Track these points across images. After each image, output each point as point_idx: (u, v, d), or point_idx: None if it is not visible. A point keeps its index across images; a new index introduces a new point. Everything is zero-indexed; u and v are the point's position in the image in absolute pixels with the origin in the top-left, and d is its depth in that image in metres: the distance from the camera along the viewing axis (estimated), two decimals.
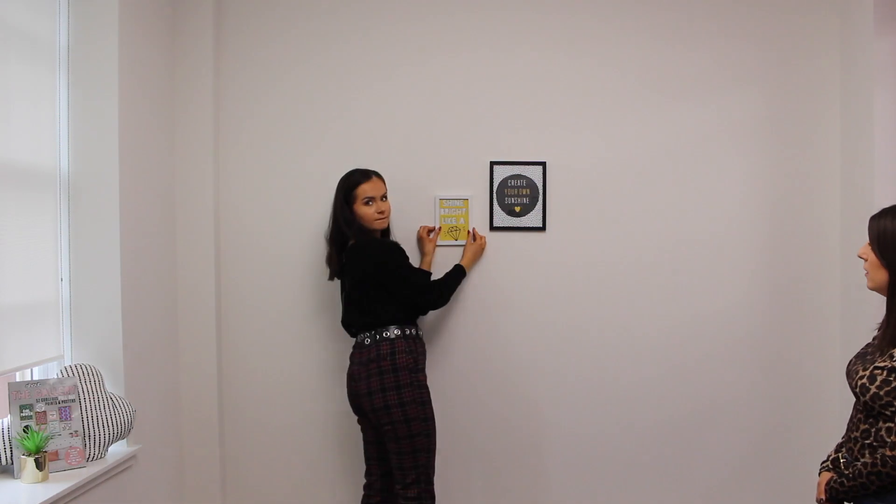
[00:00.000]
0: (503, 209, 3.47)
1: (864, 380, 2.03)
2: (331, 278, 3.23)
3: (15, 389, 2.54)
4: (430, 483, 3.06)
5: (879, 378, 2.00)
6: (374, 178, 3.17)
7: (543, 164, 3.46)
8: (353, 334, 3.17)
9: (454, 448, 3.47)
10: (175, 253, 3.36)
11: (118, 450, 2.84)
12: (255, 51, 3.46)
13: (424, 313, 3.27)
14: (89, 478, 2.56)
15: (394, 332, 3.03)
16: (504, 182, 3.46)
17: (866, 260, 2.14)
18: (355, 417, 3.25)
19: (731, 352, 3.50)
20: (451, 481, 3.46)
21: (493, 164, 3.46)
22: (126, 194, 2.89)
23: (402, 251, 3.13)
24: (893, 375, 1.97)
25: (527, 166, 3.46)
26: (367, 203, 3.13)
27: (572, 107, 3.48)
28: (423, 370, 3.11)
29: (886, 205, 3.14)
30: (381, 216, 3.15)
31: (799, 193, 3.49)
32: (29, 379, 2.71)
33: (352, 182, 3.16)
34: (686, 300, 3.50)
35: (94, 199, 2.84)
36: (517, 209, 3.47)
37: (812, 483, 3.48)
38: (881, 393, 1.99)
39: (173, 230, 3.34)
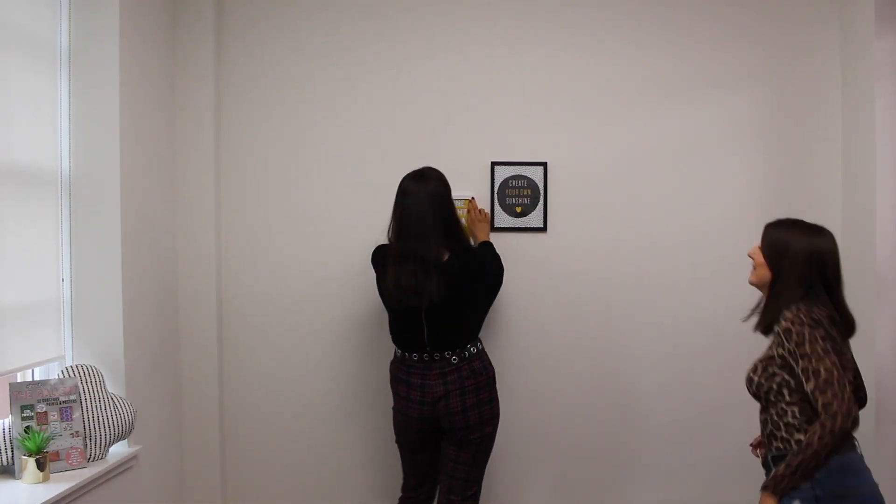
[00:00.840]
0: (504, 209, 3.46)
1: (749, 374, 2.40)
2: (420, 304, 2.83)
3: (16, 390, 2.54)
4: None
5: (760, 368, 2.35)
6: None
7: (544, 164, 3.46)
8: (415, 351, 2.92)
9: None
10: (176, 253, 3.36)
11: (119, 450, 2.84)
12: (256, 51, 3.47)
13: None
14: (90, 478, 2.56)
15: (479, 345, 2.98)
16: (505, 182, 3.46)
17: (754, 259, 2.50)
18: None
19: (731, 352, 3.48)
20: None
21: (494, 164, 3.46)
22: (127, 194, 2.89)
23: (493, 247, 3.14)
24: (769, 363, 2.30)
25: (528, 167, 3.46)
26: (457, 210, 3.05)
27: (573, 107, 3.48)
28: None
29: (888, 204, 3.17)
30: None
31: (800, 194, 3.49)
32: (30, 379, 2.71)
33: (449, 187, 2.97)
34: (687, 300, 3.50)
35: (95, 200, 2.84)
36: (518, 209, 3.47)
37: None
38: (761, 380, 2.33)
39: (174, 230, 3.34)
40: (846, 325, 2.32)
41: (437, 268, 2.83)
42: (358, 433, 3.50)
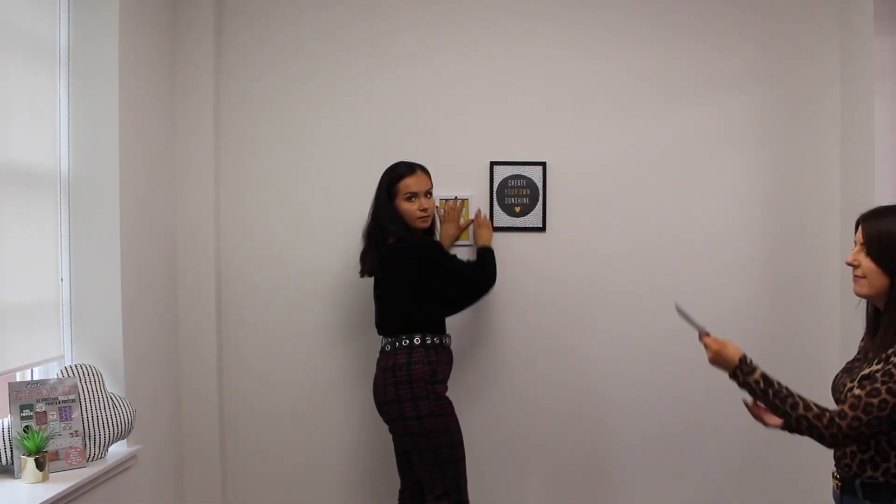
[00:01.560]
0: (503, 209, 3.47)
1: (855, 389, 1.97)
2: (362, 275, 3.12)
3: (15, 389, 2.53)
4: (462, 493, 2.92)
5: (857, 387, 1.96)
6: (419, 173, 3.03)
7: (543, 164, 3.46)
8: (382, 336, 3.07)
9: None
10: (175, 253, 3.36)
11: (118, 450, 2.84)
12: (256, 50, 3.47)
13: (477, 299, 3.14)
14: (90, 478, 2.56)
15: (414, 339, 2.92)
16: (504, 182, 3.46)
17: (858, 265, 1.98)
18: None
19: None
20: None
21: (493, 164, 3.46)
22: (126, 194, 2.89)
23: (441, 247, 3.12)
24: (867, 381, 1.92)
25: (527, 166, 3.46)
26: (409, 199, 2.99)
27: (572, 107, 3.48)
28: (442, 381, 2.96)
29: (885, 202, 3.15)
30: (423, 214, 3.01)
31: (799, 194, 3.49)
32: (29, 379, 2.71)
33: (395, 175, 3.01)
34: (686, 300, 3.47)
35: (95, 199, 2.84)
36: (517, 209, 3.47)
37: (812, 485, 3.49)
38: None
39: (174, 230, 3.35)
40: None
41: (381, 247, 2.99)
42: (359, 432, 3.50)
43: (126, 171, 2.89)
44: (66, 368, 2.75)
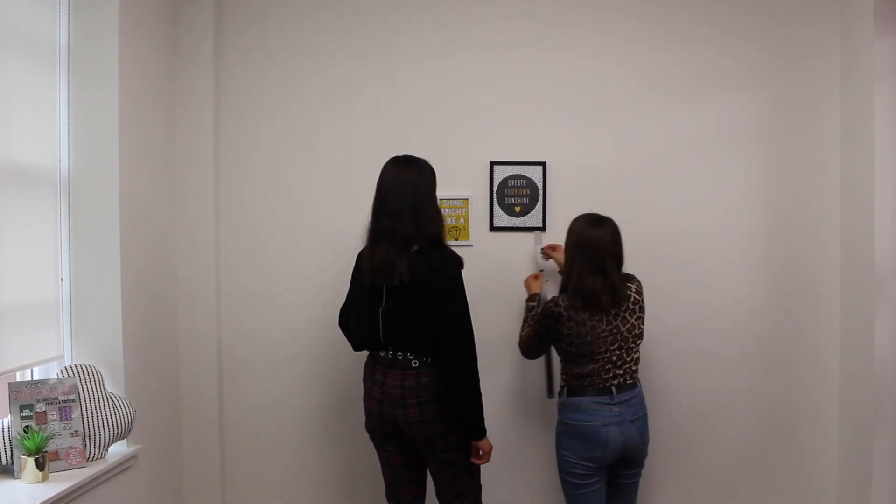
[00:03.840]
0: (503, 209, 3.47)
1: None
2: (390, 283, 2.66)
3: (15, 389, 2.54)
4: (480, 494, 2.87)
5: None
6: None
7: (543, 164, 3.46)
8: (379, 349, 2.76)
9: None
10: (175, 253, 3.36)
11: (118, 450, 2.85)
12: (255, 51, 3.47)
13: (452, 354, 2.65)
14: (89, 478, 2.56)
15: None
16: (504, 182, 3.46)
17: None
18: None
19: (731, 351, 3.50)
20: None
21: (493, 164, 3.46)
22: (126, 194, 2.90)
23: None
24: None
25: (527, 166, 3.46)
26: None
27: (572, 107, 3.48)
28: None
29: (886, 205, 3.17)
30: None
31: (799, 195, 3.49)
32: (29, 379, 2.72)
33: (434, 171, 2.77)
34: (686, 300, 3.50)
35: (95, 199, 2.85)
36: (517, 209, 3.47)
37: (811, 482, 3.51)
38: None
39: (173, 230, 3.35)
40: None
41: (406, 252, 2.64)
42: (358, 433, 3.49)
43: (126, 171, 2.89)
44: (65, 368, 2.75)
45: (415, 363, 2.68)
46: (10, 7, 2.51)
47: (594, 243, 2.82)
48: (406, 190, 2.67)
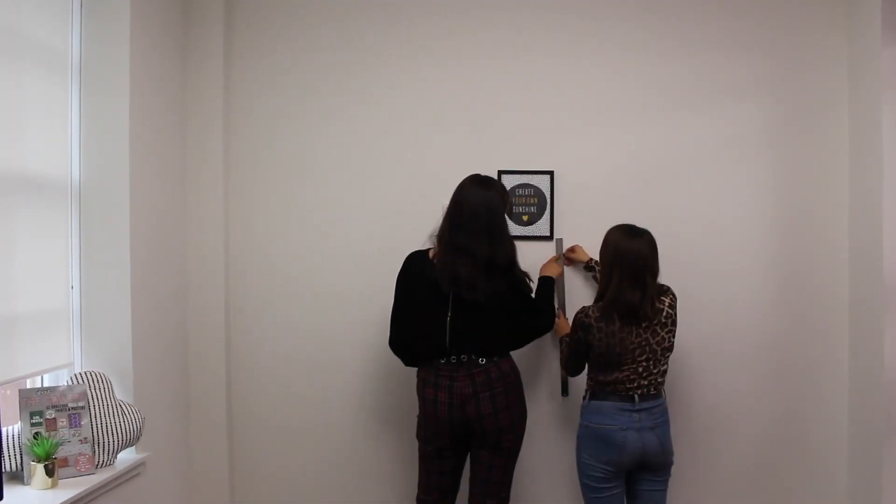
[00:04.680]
0: (511, 218, 3.46)
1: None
2: (473, 299, 2.85)
3: (25, 396, 2.56)
4: None
5: None
6: None
7: (551, 173, 3.46)
8: (441, 356, 2.89)
9: None
10: (185, 261, 3.38)
11: (127, 457, 2.86)
12: (265, 60, 3.50)
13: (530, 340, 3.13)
14: (98, 484, 2.57)
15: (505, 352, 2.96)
16: (512, 191, 3.46)
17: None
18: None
19: (738, 358, 3.48)
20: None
21: (500, 172, 3.46)
22: (136, 203, 2.92)
23: None
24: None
25: (534, 175, 3.47)
26: None
27: (580, 116, 3.49)
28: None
29: (894, 213, 3.15)
30: None
31: (807, 203, 3.48)
32: (39, 386, 2.73)
33: (505, 188, 3.13)
34: (694, 307, 3.48)
35: (105, 208, 2.87)
36: (525, 218, 3.48)
37: (820, 484, 3.47)
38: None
39: (183, 238, 3.37)
40: None
41: (488, 271, 2.85)
42: (367, 441, 3.50)
43: (136, 180, 2.92)
44: (75, 375, 2.77)
45: (482, 360, 2.86)
46: (23, 19, 2.54)
47: (633, 256, 2.82)
48: (482, 209, 2.85)
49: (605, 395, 2.85)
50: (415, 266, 2.96)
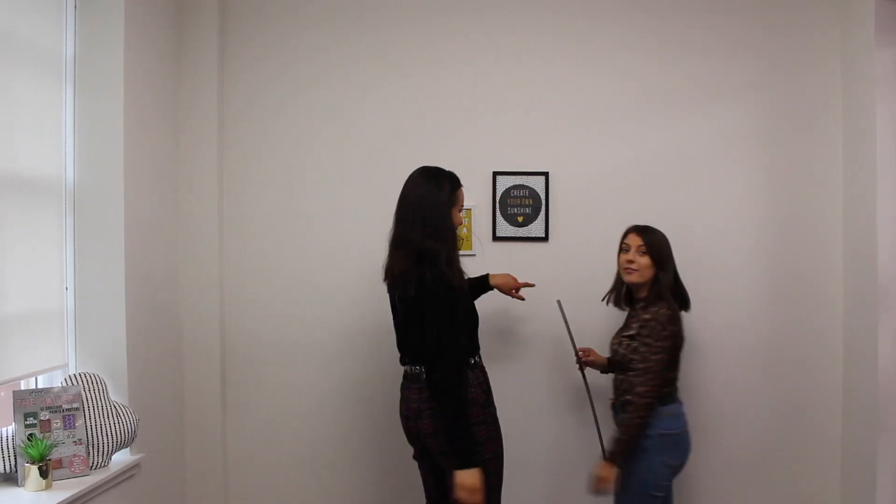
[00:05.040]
0: (506, 219, 3.48)
1: (615, 346, 2.94)
2: (402, 298, 2.63)
3: (19, 398, 2.55)
4: None
5: (625, 342, 2.85)
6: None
7: (546, 174, 3.47)
8: (402, 362, 2.74)
9: None
10: (179, 262, 3.38)
11: (122, 458, 2.86)
12: (259, 61, 3.50)
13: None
14: (93, 486, 2.57)
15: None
16: (507, 192, 3.47)
17: (633, 262, 2.89)
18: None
19: (735, 359, 3.49)
20: None
21: (495, 174, 3.47)
22: (131, 204, 2.92)
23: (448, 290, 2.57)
24: (632, 340, 2.82)
25: (529, 176, 3.47)
26: (459, 211, 2.70)
27: (575, 117, 3.50)
28: (493, 403, 2.71)
29: (889, 213, 3.18)
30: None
31: (802, 204, 3.49)
32: (33, 387, 2.73)
33: (456, 181, 2.69)
34: (691, 308, 3.49)
35: (100, 209, 2.87)
36: (520, 219, 3.48)
37: (814, 483, 3.48)
38: (626, 352, 2.83)
39: (177, 239, 3.36)
40: None
41: (419, 264, 2.56)
42: (362, 443, 3.50)
43: (131, 181, 2.92)
44: (70, 377, 2.76)
45: (424, 376, 2.62)
46: (17, 20, 2.54)
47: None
48: (419, 200, 2.61)
49: (670, 396, 2.82)
50: None
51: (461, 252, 3.38)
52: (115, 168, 2.87)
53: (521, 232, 3.48)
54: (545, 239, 3.48)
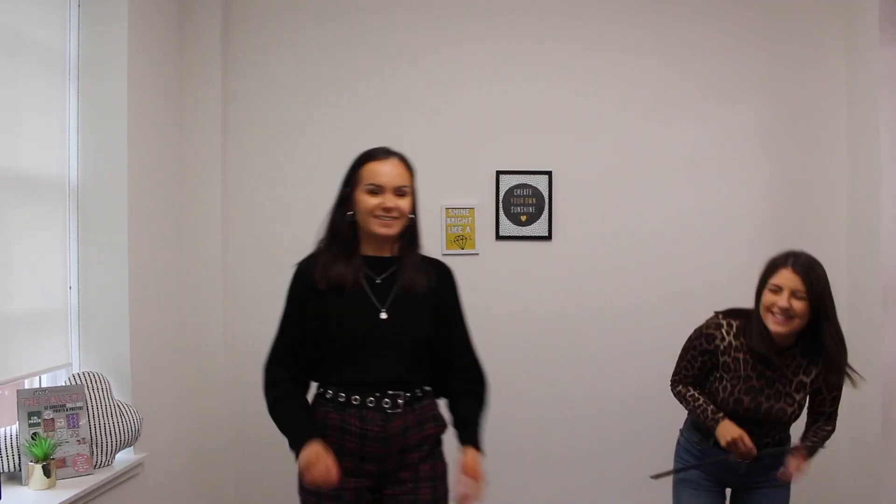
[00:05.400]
0: (509, 218, 3.47)
1: (790, 408, 2.50)
2: None
3: (23, 397, 2.55)
4: None
5: (798, 398, 2.48)
6: (394, 160, 2.26)
7: (549, 173, 3.47)
8: None
9: None
10: (182, 261, 3.38)
11: (125, 457, 2.85)
12: (263, 60, 3.50)
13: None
14: (96, 485, 2.57)
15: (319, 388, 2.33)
16: (510, 191, 3.47)
17: (790, 308, 2.35)
18: None
19: None
20: None
21: (499, 173, 3.47)
22: (134, 203, 2.92)
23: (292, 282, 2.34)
24: (817, 394, 2.54)
25: (533, 175, 3.47)
26: (371, 192, 2.19)
27: (578, 116, 3.50)
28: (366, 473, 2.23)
29: (892, 212, 3.16)
30: (385, 215, 2.16)
31: (806, 203, 3.49)
32: (37, 386, 2.73)
33: (362, 157, 2.29)
34: (692, 309, 3.47)
35: (103, 208, 2.87)
36: (523, 218, 3.48)
37: (819, 482, 3.47)
38: (796, 409, 2.51)
39: (181, 238, 3.36)
40: None
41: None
42: None
43: (134, 180, 2.92)
44: (73, 376, 2.76)
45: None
46: (22, 19, 2.54)
47: None
48: None
49: None
50: None
51: (464, 251, 3.41)
52: (118, 167, 2.86)
53: (525, 231, 3.48)
54: (549, 238, 3.48)
